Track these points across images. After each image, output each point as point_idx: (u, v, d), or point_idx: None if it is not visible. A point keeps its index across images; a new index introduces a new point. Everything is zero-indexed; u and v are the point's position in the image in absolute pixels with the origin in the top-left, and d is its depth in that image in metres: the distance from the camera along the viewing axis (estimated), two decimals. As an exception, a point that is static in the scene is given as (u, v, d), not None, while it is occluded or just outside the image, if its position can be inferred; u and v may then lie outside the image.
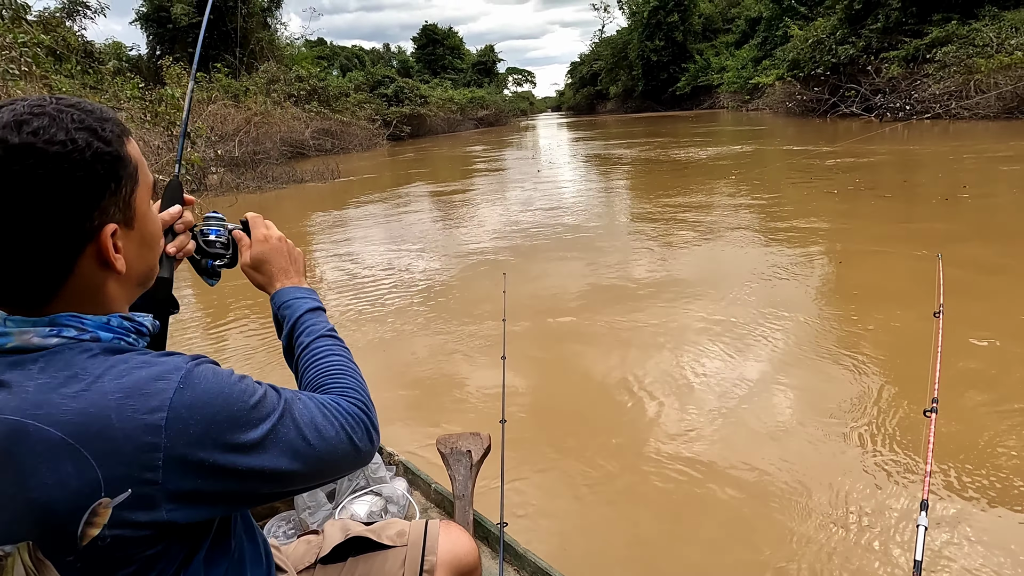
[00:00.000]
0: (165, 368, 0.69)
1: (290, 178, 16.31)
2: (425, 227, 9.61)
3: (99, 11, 18.69)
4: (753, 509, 2.53)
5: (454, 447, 2.00)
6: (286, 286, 1.08)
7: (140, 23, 30.32)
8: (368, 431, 0.85)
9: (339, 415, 0.83)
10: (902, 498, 2.51)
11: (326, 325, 1.02)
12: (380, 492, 2.07)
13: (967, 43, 19.08)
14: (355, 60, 51.35)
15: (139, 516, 0.65)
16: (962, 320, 4.01)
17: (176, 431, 0.66)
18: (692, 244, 6.97)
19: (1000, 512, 2.41)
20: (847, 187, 9.58)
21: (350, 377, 0.93)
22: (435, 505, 2.11)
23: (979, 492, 2.52)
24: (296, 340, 1.00)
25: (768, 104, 32.34)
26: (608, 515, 2.59)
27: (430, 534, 1.27)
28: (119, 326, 0.76)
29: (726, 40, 49.74)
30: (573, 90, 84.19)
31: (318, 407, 0.81)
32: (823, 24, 25.86)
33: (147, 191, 0.79)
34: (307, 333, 0.99)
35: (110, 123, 0.72)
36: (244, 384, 0.75)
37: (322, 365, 0.94)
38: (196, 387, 0.69)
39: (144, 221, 0.79)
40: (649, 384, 3.65)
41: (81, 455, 0.63)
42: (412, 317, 5.25)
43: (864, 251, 6.17)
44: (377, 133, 30.32)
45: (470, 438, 2.03)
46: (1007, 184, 9.12)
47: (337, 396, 0.87)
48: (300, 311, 1.03)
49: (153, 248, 0.83)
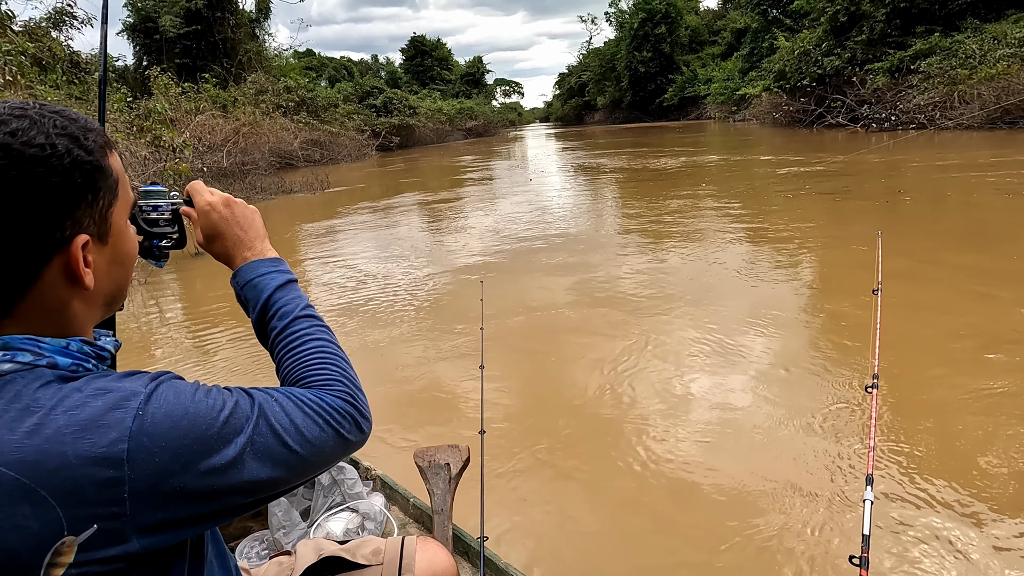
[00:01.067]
0: (122, 395, 0.64)
1: (279, 189, 16.23)
2: (413, 237, 9.56)
3: (86, 21, 18.56)
4: (731, 507, 2.53)
5: (432, 460, 1.94)
6: (248, 261, 0.96)
7: (127, 34, 30.14)
8: (357, 422, 0.80)
9: (323, 411, 0.77)
10: (848, 474, 2.62)
11: (300, 302, 0.93)
12: (356, 508, 2.02)
13: (950, 55, 19.36)
14: (343, 71, 51.40)
15: (108, 551, 0.60)
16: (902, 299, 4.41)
17: (140, 462, 0.61)
18: (674, 250, 6.99)
19: (944, 483, 2.51)
20: (813, 193, 9.66)
21: (333, 366, 0.86)
22: (414, 520, 2.07)
23: (923, 464, 2.63)
24: (269, 325, 0.91)
25: (755, 115, 32.62)
26: (590, 526, 2.54)
27: (407, 551, 1.22)
28: (79, 351, 0.70)
29: (712, 52, 50.33)
30: (561, 101, 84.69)
31: (298, 406, 0.75)
32: (809, 36, 26.16)
33: (126, 207, 0.76)
34: (280, 315, 0.90)
35: (94, 133, 0.69)
36: (210, 399, 0.69)
37: (301, 353, 0.87)
38: (157, 412, 0.64)
39: (119, 238, 0.75)
40: (630, 392, 3.63)
41: (39, 495, 0.58)
42: (391, 328, 5.19)
43: (809, 244, 6.74)
44: (366, 144, 30.31)
45: (448, 451, 1.97)
46: (948, 188, 9.62)
47: (319, 390, 0.80)
48: (268, 290, 0.92)
49: (125, 268, 0.78)
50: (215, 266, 1.29)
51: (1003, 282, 4.92)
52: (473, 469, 1.99)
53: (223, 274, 1.03)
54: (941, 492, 2.46)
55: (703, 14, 57.44)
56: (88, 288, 0.70)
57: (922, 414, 3.03)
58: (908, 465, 2.64)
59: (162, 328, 5.99)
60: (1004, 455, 2.66)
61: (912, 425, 2.93)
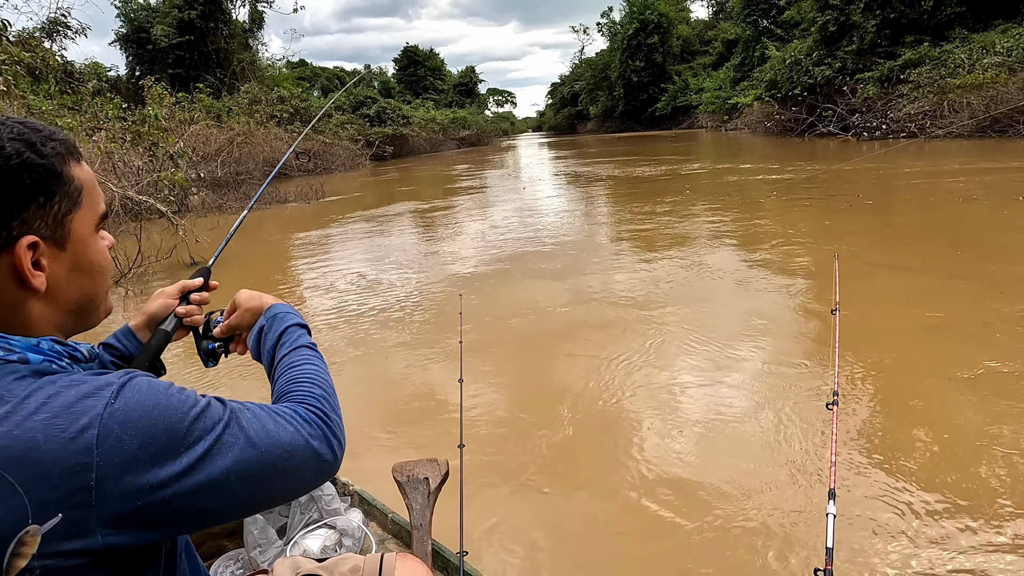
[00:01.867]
0: (96, 384, 0.65)
1: (273, 198, 16.19)
2: (403, 246, 9.51)
3: (80, 31, 18.49)
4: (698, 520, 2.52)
5: (410, 475, 1.91)
6: (278, 302, 1.12)
7: (119, 44, 30.11)
8: (328, 440, 0.80)
9: (294, 421, 0.78)
10: (812, 488, 2.61)
11: (308, 339, 1.03)
12: (334, 525, 1.98)
13: (939, 64, 19.59)
14: (336, 81, 51.51)
15: (72, 544, 0.60)
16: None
17: (108, 448, 0.62)
18: (661, 259, 7.00)
19: (905, 496, 2.51)
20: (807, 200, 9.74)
21: (316, 386, 0.88)
22: (392, 536, 2.04)
23: (883, 477, 2.65)
24: (278, 349, 1.00)
25: (746, 124, 32.87)
26: (571, 539, 2.52)
27: (385, 568, 1.20)
28: (50, 349, 0.71)
29: (704, 62, 50.77)
30: (554, 110, 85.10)
31: (269, 415, 0.77)
32: (799, 46, 26.42)
33: (92, 218, 0.77)
34: (290, 344, 0.99)
35: (56, 142, 0.71)
36: (184, 395, 0.70)
37: (292, 374, 0.92)
38: (129, 400, 0.65)
39: (82, 246, 0.76)
40: (613, 404, 3.59)
41: (4, 480, 0.58)
42: (371, 340, 5.14)
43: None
44: (360, 153, 30.32)
45: (427, 464, 1.95)
46: (908, 194, 10.13)
47: (295, 404, 0.83)
48: (290, 322, 1.05)
49: (93, 277, 0.79)
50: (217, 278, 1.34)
51: (938, 276, 5.50)
52: (453, 483, 1.97)
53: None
54: (905, 502, 2.48)
55: (694, 24, 57.96)
56: (38, 290, 0.71)
57: (878, 429, 3.06)
58: (871, 478, 2.66)
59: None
60: (969, 464, 2.69)
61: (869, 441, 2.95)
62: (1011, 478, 2.56)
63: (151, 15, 29.66)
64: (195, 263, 8.61)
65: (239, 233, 1.46)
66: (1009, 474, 2.58)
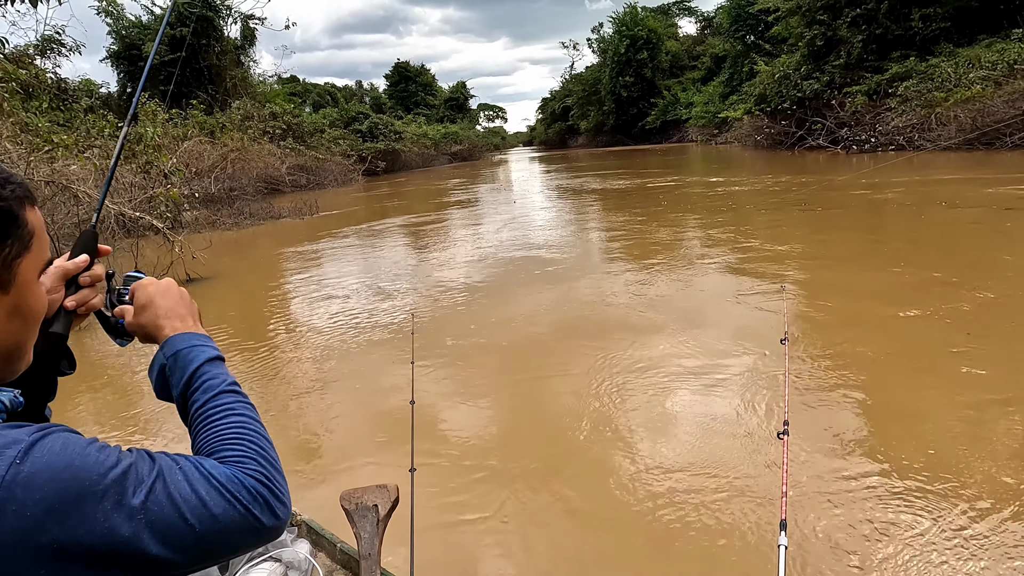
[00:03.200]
0: (2, 442, 0.59)
1: (267, 214, 16.16)
2: (377, 267, 9.43)
3: (74, 48, 18.44)
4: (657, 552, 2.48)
5: (359, 502, 1.83)
6: (180, 332, 0.91)
7: (111, 61, 30.08)
8: (270, 505, 0.72)
9: (233, 486, 0.70)
10: (763, 519, 2.55)
11: (226, 379, 0.87)
12: (280, 558, 1.92)
13: (926, 78, 19.86)
14: (328, 97, 51.60)
15: None
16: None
17: (10, 514, 0.56)
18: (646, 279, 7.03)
19: (855, 526, 2.49)
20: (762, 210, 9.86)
21: (250, 442, 0.78)
22: (341, 566, 1.98)
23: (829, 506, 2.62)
24: (191, 397, 0.84)
25: (736, 137, 33.15)
26: (525, 564, 2.46)
27: None
28: None
29: (693, 76, 51.29)
30: (544, 125, 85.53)
31: (205, 477, 0.68)
32: (788, 60, 26.75)
33: (38, 263, 0.75)
34: (204, 389, 0.84)
35: (15, 185, 0.70)
36: (102, 454, 0.63)
37: (218, 428, 0.79)
38: (37, 461, 0.59)
39: (24, 291, 0.73)
40: (567, 425, 3.54)
41: None
42: (326, 360, 5.07)
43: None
44: (352, 168, 30.35)
45: (376, 491, 1.87)
46: (855, 202, 10.97)
47: (232, 466, 0.73)
48: (199, 361, 0.87)
49: (28, 324, 0.75)
50: (203, 293, 1.25)
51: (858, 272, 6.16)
52: (404, 508, 1.92)
53: (211, 297, 1.04)
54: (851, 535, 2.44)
55: (683, 40, 58.60)
56: None
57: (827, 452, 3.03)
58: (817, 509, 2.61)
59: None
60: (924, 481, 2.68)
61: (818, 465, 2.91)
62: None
63: (143, 32, 29.65)
64: (191, 280, 8.56)
65: (233, 248, 1.41)
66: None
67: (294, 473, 3.27)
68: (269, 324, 6.63)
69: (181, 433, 3.94)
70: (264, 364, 5.20)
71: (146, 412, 4.31)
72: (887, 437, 3.11)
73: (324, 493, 3.00)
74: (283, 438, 3.73)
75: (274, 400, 4.38)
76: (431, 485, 2.93)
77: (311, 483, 3.20)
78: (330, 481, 3.17)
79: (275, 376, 4.89)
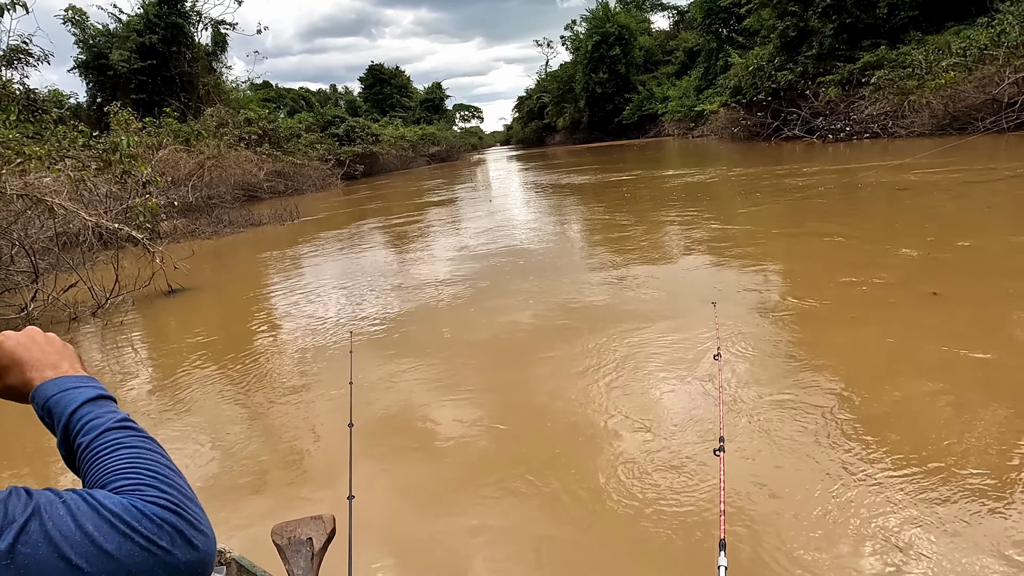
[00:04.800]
0: None
1: (247, 222, 15.93)
2: (369, 269, 9.42)
3: (43, 58, 17.99)
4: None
5: (292, 536, 1.70)
6: (49, 378, 0.79)
7: (79, 71, 29.52)
8: (183, 534, 0.61)
9: (127, 516, 0.59)
10: (702, 538, 2.41)
11: (114, 416, 0.75)
12: None
13: (898, 66, 20.15)
14: (302, 102, 51.12)
15: None
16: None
17: None
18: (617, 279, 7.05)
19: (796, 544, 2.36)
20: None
21: (149, 470, 0.67)
22: None
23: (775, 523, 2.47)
24: (75, 443, 0.72)
25: (713, 130, 33.43)
26: None
27: None
28: None
29: (667, 71, 51.56)
30: (521, 124, 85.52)
31: (94, 508, 0.58)
32: (761, 52, 27.00)
33: None
34: (86, 431, 0.72)
35: None
36: None
37: (107, 462, 0.68)
38: None
39: None
40: (510, 445, 3.42)
41: None
42: (254, 382, 4.87)
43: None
44: (331, 173, 30.09)
45: (310, 523, 1.74)
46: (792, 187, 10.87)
47: (128, 495, 0.63)
48: (75, 404, 0.75)
49: None
50: (185, 305, 1.13)
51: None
52: (341, 540, 1.83)
53: (194, 309, 0.96)
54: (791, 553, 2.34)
55: (656, 35, 58.90)
56: None
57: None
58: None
59: (134, 367, 5.75)
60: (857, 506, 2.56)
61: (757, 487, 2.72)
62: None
63: (110, 40, 29.13)
64: (173, 291, 8.39)
65: (214, 259, 1.29)
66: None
67: (225, 505, 3.10)
68: (254, 337, 6.52)
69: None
70: (241, 376, 5.09)
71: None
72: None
73: (258, 527, 2.84)
74: (223, 464, 3.55)
75: (233, 419, 4.20)
76: (369, 513, 2.76)
77: (237, 518, 3.00)
78: (261, 515, 2.99)
79: (240, 392, 4.74)
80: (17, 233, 8.10)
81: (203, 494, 3.18)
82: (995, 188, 9.33)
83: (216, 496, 3.20)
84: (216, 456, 3.67)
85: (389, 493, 3.07)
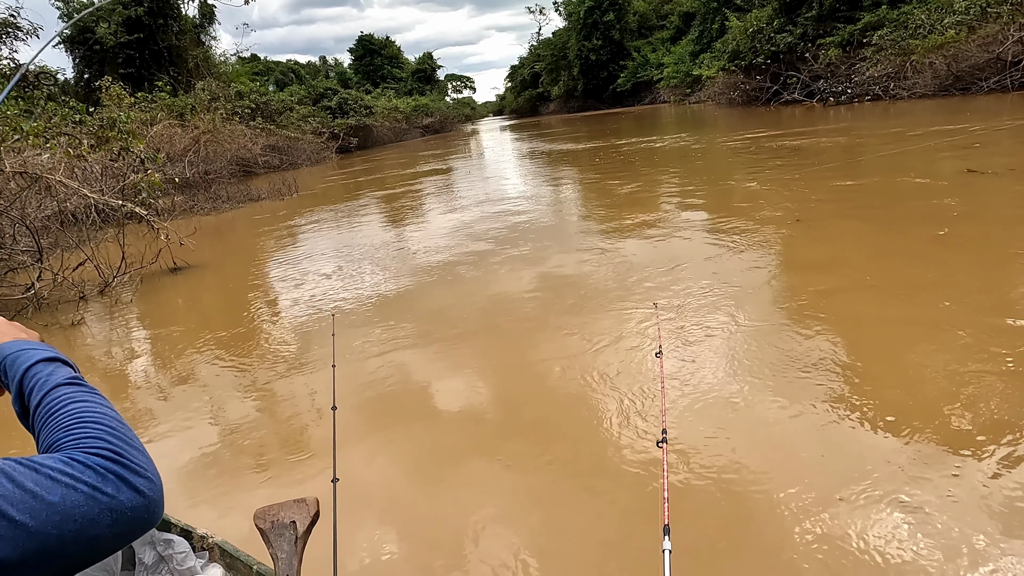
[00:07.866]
0: None
1: (245, 197, 15.73)
2: (369, 243, 9.34)
3: (32, 32, 17.55)
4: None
5: (275, 520, 1.69)
6: (6, 340, 0.85)
7: (65, 46, 28.87)
8: (125, 480, 0.63)
9: (69, 469, 0.60)
10: (647, 525, 2.39)
11: (65, 373, 0.78)
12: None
13: (899, 26, 19.89)
14: (291, 75, 50.31)
15: None
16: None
17: None
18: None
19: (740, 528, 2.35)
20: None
21: (94, 424, 0.69)
22: None
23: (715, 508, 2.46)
24: (28, 400, 0.76)
25: (710, 96, 33.05)
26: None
27: None
28: None
29: (662, 36, 50.81)
30: (514, 93, 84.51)
31: (30, 468, 0.59)
32: (759, 14, 26.59)
33: None
34: (39, 388, 0.76)
35: None
36: None
37: (57, 419, 0.71)
38: None
39: None
40: (494, 426, 3.37)
41: None
42: (235, 365, 4.76)
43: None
44: (325, 146, 29.72)
45: (294, 506, 1.73)
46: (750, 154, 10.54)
47: (70, 451, 0.65)
48: (28, 362, 0.80)
49: None
50: (192, 282, 1.07)
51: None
52: (325, 523, 1.82)
53: (202, 287, 0.95)
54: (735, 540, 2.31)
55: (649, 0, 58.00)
56: None
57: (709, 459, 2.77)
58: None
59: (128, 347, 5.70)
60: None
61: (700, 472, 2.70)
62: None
63: (95, 12, 28.46)
64: (177, 268, 8.31)
65: (214, 235, 1.24)
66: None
67: (210, 487, 3.09)
68: (254, 317, 6.46)
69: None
70: (237, 356, 5.04)
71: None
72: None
73: (238, 512, 2.80)
74: (218, 448, 3.52)
75: (229, 401, 4.13)
76: (354, 495, 2.73)
77: (220, 502, 2.96)
78: (243, 499, 2.95)
79: (237, 375, 4.65)
80: (17, 211, 7.97)
81: (192, 476, 3.21)
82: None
83: (205, 479, 3.19)
84: (205, 438, 3.62)
85: (375, 472, 3.03)
